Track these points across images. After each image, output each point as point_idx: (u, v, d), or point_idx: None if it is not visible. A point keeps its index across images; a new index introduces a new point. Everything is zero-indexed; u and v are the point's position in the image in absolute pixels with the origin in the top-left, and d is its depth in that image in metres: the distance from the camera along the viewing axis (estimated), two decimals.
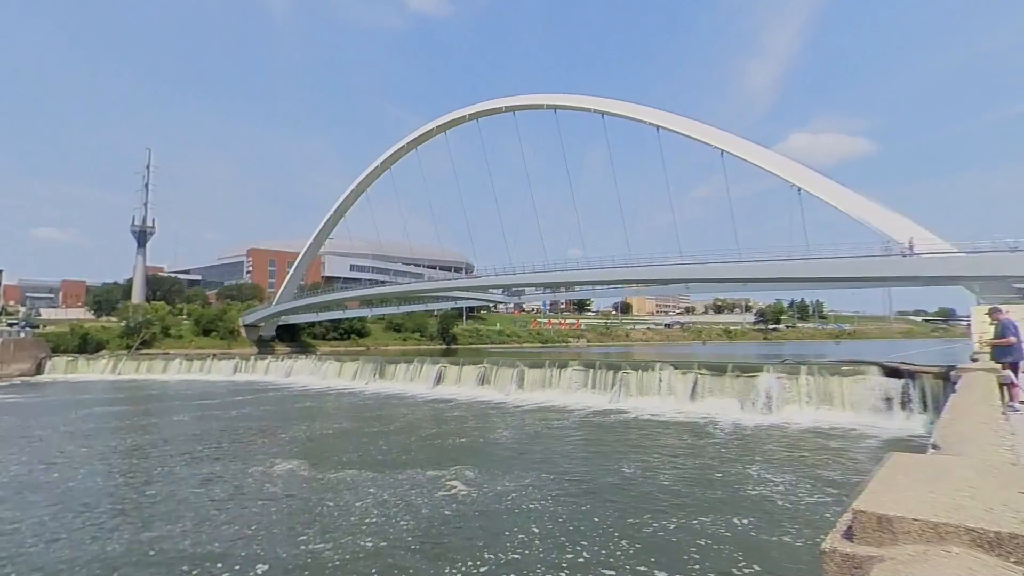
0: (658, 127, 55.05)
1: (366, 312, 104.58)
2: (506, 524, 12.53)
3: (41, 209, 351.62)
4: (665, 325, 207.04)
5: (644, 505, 13.57)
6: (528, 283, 72.14)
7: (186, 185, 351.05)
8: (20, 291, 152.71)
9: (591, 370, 36.39)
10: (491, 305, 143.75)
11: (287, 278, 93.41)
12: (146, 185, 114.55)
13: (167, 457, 20.94)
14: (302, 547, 11.41)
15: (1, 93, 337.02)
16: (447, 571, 10.10)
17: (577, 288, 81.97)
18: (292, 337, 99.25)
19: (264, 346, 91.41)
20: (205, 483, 16.83)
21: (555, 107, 66.63)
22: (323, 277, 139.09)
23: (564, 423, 27.06)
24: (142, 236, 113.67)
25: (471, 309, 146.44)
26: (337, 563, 10.64)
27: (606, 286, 74.02)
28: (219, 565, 10.58)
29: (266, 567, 10.51)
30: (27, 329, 74.97)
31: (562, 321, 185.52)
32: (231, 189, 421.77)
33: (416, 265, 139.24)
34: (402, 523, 12.66)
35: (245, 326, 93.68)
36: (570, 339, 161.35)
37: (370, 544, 11.39)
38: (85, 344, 74.78)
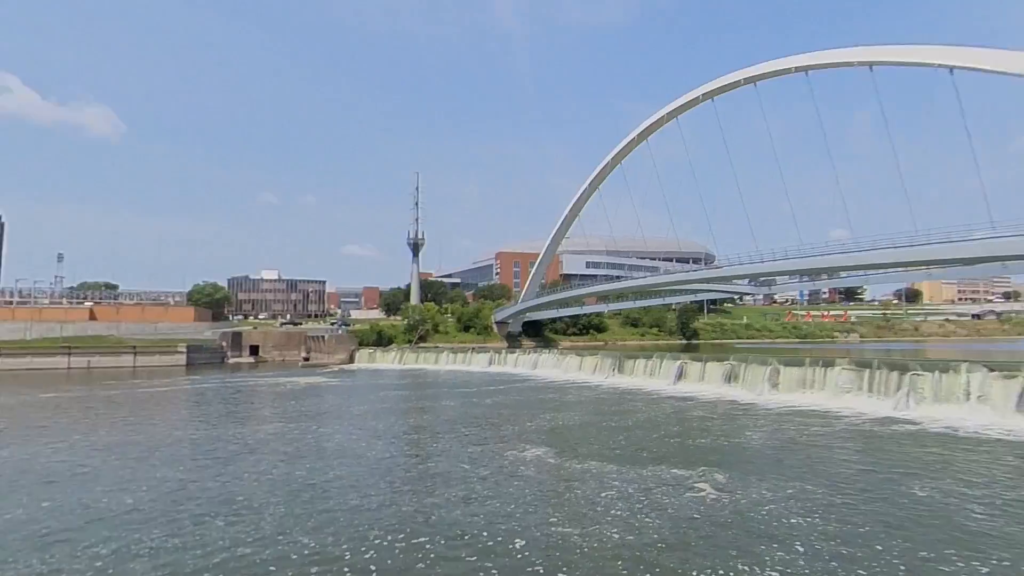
0: (951, 67, 44.22)
1: (602, 308, 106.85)
2: (763, 537, 11.58)
3: (348, 231, 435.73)
4: (973, 316, 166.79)
5: (946, 541, 11.18)
6: (780, 271, 64.76)
7: (445, 200, 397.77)
8: (338, 297, 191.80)
9: (866, 370, 31.24)
10: (736, 297, 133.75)
11: (529, 277, 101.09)
12: (416, 204, 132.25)
13: (440, 435, 25.04)
14: (553, 529, 12.25)
15: (315, 143, 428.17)
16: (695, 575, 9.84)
17: (843, 275, 71.23)
18: (536, 332, 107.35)
19: (513, 340, 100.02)
20: (471, 461, 19.51)
21: (806, 69, 58.03)
22: (561, 275, 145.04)
23: (830, 431, 24.18)
24: (415, 247, 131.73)
25: (713, 302, 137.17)
26: (585, 549, 11.00)
27: (883, 270, 61.44)
28: (484, 535, 11.97)
29: (523, 542, 11.40)
30: (343, 327, 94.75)
31: (825, 313, 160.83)
32: (480, 200, 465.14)
33: (651, 259, 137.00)
34: (647, 519, 12.73)
35: (496, 322, 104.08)
36: (836, 333, 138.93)
37: (616, 536, 11.73)
38: (380, 339, 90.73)
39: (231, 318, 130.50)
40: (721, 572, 9.94)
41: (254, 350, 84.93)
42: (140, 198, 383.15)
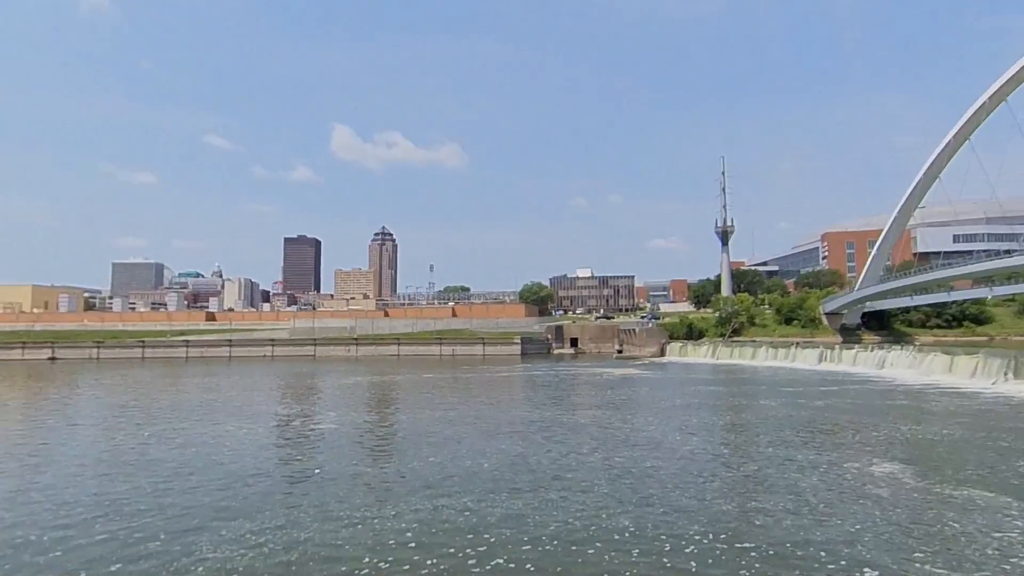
0: None
1: (984, 292, 76.50)
2: None
3: (653, 225, 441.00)
4: None
5: None
6: None
7: (754, 181, 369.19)
8: (646, 291, 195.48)
9: None
10: None
11: (868, 260, 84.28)
12: (723, 189, 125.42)
13: (759, 437, 22.90)
14: (917, 564, 9.70)
15: (617, 145, 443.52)
16: None
17: None
18: (880, 324, 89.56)
19: (848, 334, 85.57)
20: (800, 469, 17.07)
21: None
22: (914, 254, 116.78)
23: None
24: (724, 236, 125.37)
25: None
26: None
27: None
28: (821, 554, 10.30)
29: (876, 573, 9.31)
30: (653, 320, 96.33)
31: None
32: (797, 177, 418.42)
33: None
34: None
35: (826, 314, 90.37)
36: None
37: None
38: (690, 332, 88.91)
39: (553, 313, 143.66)
40: None
41: (574, 342, 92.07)
42: (479, 214, 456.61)
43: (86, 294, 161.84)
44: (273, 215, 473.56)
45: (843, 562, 9.91)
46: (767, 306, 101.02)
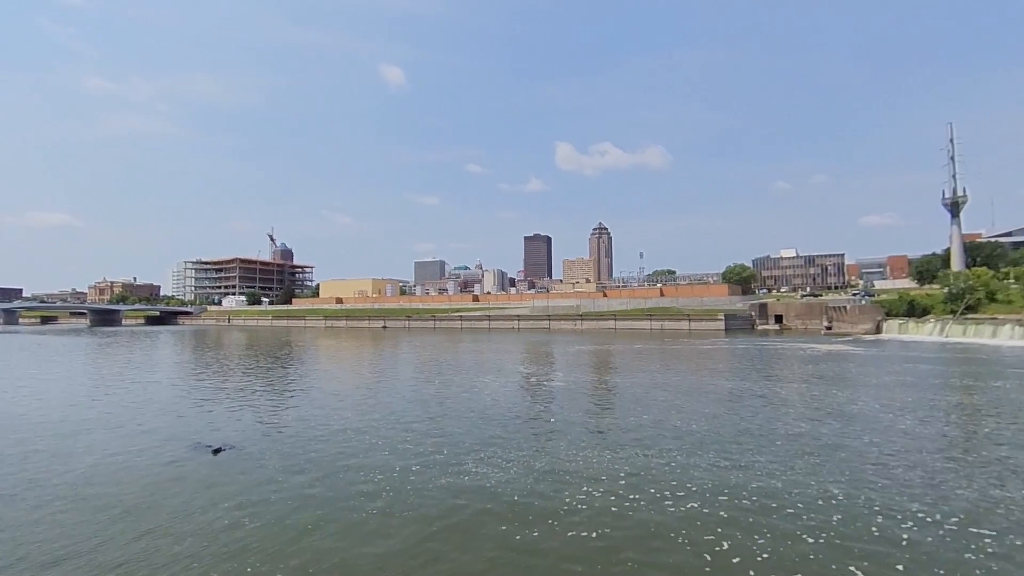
0: None
1: None
2: None
3: (865, 201, 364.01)
4: None
5: None
6: None
7: (993, 147, 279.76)
8: (858, 268, 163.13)
9: None
10: None
11: None
12: (951, 158, 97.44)
13: (1000, 419, 17.53)
14: None
15: (824, 124, 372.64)
16: None
17: None
18: None
19: None
20: None
21: None
22: None
23: None
24: (955, 207, 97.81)
25: None
26: None
27: None
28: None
29: None
30: (866, 297, 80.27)
31: None
32: None
33: None
34: None
35: None
36: None
37: None
38: (912, 309, 72.13)
39: (757, 292, 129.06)
40: None
41: (778, 319, 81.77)
42: (682, 205, 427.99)
43: (400, 283, 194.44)
44: (515, 219, 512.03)
45: None
46: (1012, 279, 76.72)
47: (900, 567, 7.68)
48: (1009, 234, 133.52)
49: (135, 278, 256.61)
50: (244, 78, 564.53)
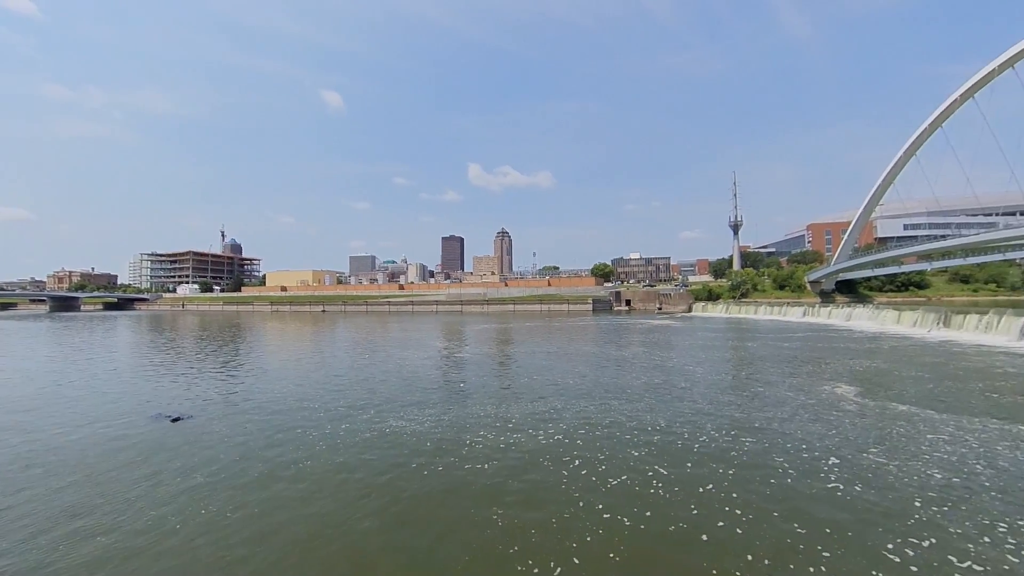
0: None
1: (924, 266, 68.43)
2: None
3: (684, 221, 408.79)
4: None
5: None
6: None
7: (759, 187, 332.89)
8: (679, 267, 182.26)
9: None
10: None
11: (842, 243, 74.07)
12: (735, 195, 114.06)
13: (756, 365, 20.83)
14: (867, 457, 9.03)
15: (655, 163, 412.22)
16: None
17: None
18: (850, 290, 78.44)
19: (826, 297, 75.87)
20: (785, 387, 15.80)
21: None
22: (875, 239, 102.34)
23: None
24: (735, 228, 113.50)
25: None
26: (909, 482, 7.92)
27: None
28: (802, 447, 9.64)
29: (838, 461, 8.81)
30: (683, 288, 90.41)
31: None
32: (791, 183, 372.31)
33: (984, 215, 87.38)
34: (977, 468, 8.47)
35: (809, 282, 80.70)
36: None
37: (938, 476, 8.17)
38: (710, 295, 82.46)
39: (614, 283, 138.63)
40: None
41: (628, 302, 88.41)
42: (564, 217, 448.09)
43: (337, 274, 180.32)
44: (434, 223, 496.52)
45: (816, 453, 9.41)
46: (766, 277, 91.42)
47: (689, 465, 9.01)
48: (765, 247, 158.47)
49: (93, 268, 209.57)
50: (194, 93, 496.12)
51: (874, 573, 5.58)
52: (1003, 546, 6.13)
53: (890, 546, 6.11)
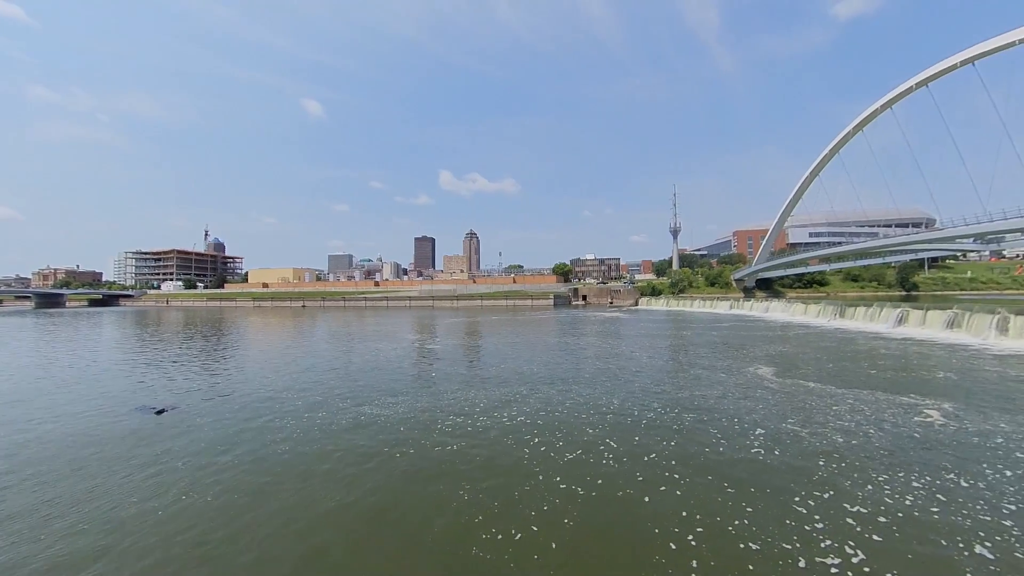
0: None
1: (824, 267, 77.56)
2: (978, 460, 7.64)
3: (631, 226, 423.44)
4: None
5: None
6: (1010, 229, 37.69)
7: (694, 197, 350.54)
8: (627, 267, 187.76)
9: None
10: (959, 254, 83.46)
11: (761, 247, 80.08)
12: (674, 204, 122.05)
13: (690, 349, 21.66)
14: (785, 426, 9.59)
15: (605, 180, 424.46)
16: (912, 481, 6.95)
17: None
18: (767, 287, 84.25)
19: (748, 293, 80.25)
20: (715, 368, 16.53)
21: None
22: (788, 244, 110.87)
23: None
24: (675, 233, 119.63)
25: (934, 259, 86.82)
26: (817, 446, 8.41)
27: None
28: (735, 420, 9.90)
29: (763, 431, 9.22)
30: (631, 285, 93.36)
31: None
32: (722, 195, 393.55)
33: (870, 226, 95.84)
34: (870, 431, 9.18)
35: (735, 280, 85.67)
36: None
37: (840, 440, 8.72)
38: (654, 291, 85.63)
39: (572, 281, 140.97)
40: (929, 478, 6.99)
41: (584, 297, 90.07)
42: (527, 221, 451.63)
43: (316, 272, 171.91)
44: (408, 224, 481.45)
45: (745, 425, 9.80)
46: (700, 276, 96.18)
47: (637, 439, 9.21)
48: (699, 249, 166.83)
49: (78, 266, 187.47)
50: (179, 99, 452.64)
51: (787, 522, 5.96)
52: (885, 492, 6.75)
53: (797, 499, 6.56)
